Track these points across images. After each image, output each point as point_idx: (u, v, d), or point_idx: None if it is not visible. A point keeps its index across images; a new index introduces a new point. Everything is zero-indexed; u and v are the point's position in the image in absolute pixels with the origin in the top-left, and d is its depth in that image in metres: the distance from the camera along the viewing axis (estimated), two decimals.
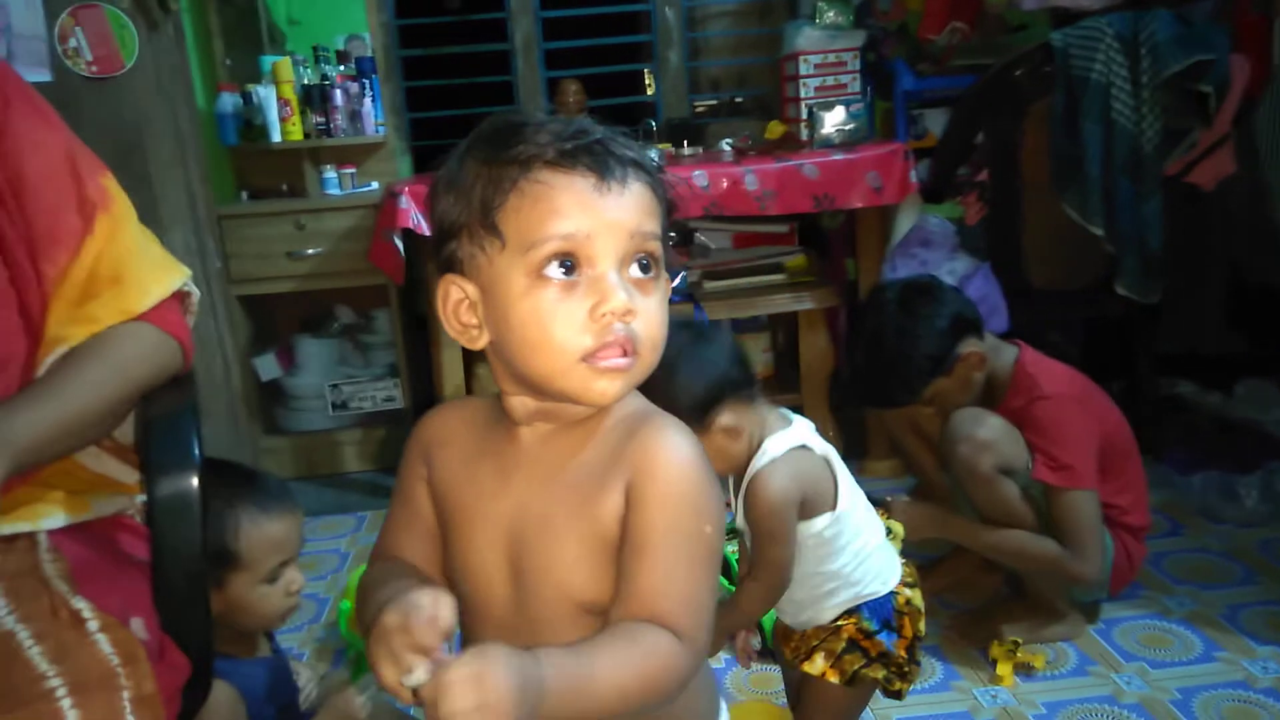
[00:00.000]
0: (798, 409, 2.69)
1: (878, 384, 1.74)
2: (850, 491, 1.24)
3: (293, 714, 1.38)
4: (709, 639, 0.70)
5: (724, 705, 0.88)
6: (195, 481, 0.93)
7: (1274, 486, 2.17)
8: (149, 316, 1.03)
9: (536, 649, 0.62)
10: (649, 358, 0.71)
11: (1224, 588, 1.94)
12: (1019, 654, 1.72)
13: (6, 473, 0.79)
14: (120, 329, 0.99)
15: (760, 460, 1.20)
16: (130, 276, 1.02)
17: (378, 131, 2.89)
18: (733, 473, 1.23)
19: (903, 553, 1.36)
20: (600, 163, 0.69)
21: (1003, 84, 2.22)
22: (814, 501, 1.20)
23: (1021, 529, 1.66)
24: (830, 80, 2.90)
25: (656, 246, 0.71)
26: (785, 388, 2.80)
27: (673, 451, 0.71)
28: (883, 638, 1.24)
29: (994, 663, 1.71)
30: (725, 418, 1.20)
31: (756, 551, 1.21)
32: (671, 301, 2.41)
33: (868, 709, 1.64)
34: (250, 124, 2.85)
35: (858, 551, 1.23)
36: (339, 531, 2.55)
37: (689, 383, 1.17)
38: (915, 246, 2.49)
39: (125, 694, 0.76)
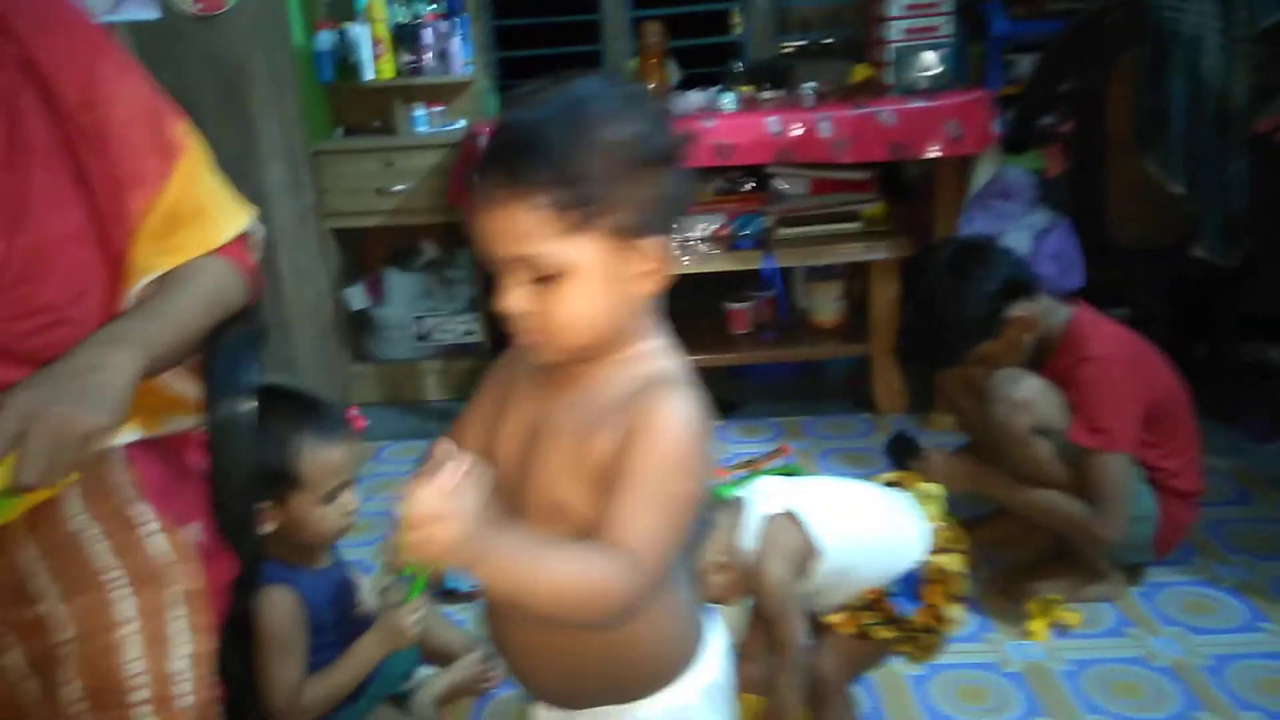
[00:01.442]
0: (866, 360, 2.74)
1: (925, 345, 1.75)
2: (830, 520, 1.27)
3: (351, 621, 1.51)
4: (659, 579, 0.76)
5: (718, 658, 0.93)
6: (251, 406, 1.03)
7: None
8: (224, 252, 1.13)
9: (503, 524, 0.73)
10: (568, 338, 0.78)
11: None
12: (1055, 611, 1.73)
13: (142, 371, 0.90)
14: (202, 261, 1.10)
15: (749, 559, 1.25)
16: (210, 214, 1.12)
17: (465, 70, 2.96)
18: (738, 590, 1.28)
19: (954, 509, 1.39)
20: (480, 191, 0.75)
21: (1091, 32, 2.15)
22: (802, 560, 1.25)
23: (1054, 488, 1.67)
24: (921, 22, 2.81)
25: (537, 260, 0.75)
26: (854, 337, 2.81)
27: (670, 413, 0.78)
28: (896, 601, 1.28)
29: (1030, 618, 1.74)
30: (709, 557, 1.25)
31: (774, 634, 1.25)
32: (741, 248, 2.42)
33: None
34: (345, 61, 2.96)
35: (870, 556, 1.27)
36: (416, 456, 2.69)
37: None
38: (994, 198, 2.44)
39: (176, 588, 0.87)
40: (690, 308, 2.96)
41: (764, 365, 3.04)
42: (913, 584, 1.28)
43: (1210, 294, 2.40)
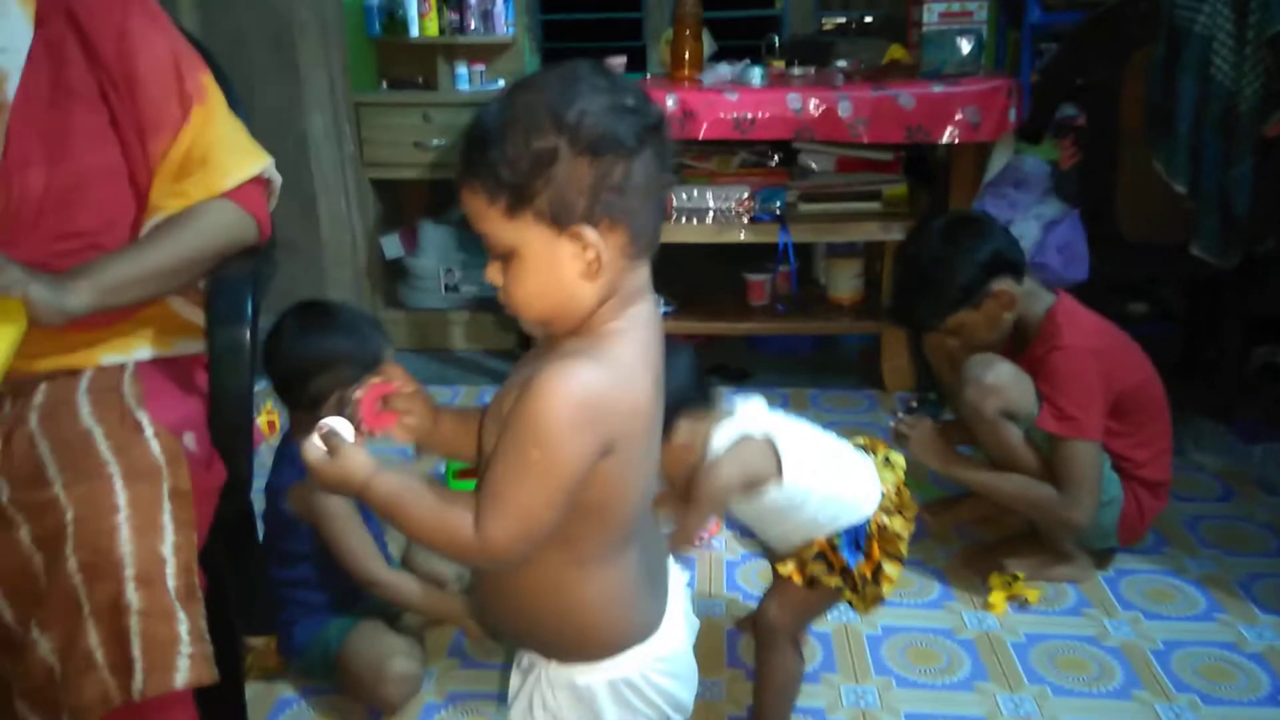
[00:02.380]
0: (876, 338, 2.80)
1: (907, 305, 1.82)
2: (798, 456, 1.34)
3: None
4: (509, 545, 0.81)
5: (648, 662, 0.92)
6: (247, 333, 1.15)
7: None
8: (232, 195, 1.25)
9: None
10: (523, 313, 0.84)
11: (1251, 556, 1.94)
12: (1015, 587, 1.81)
13: (89, 304, 1.05)
14: (205, 203, 1.23)
15: (709, 458, 1.33)
16: (215, 161, 1.24)
17: (508, 31, 3.05)
18: (688, 474, 1.35)
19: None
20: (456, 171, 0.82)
21: (1109, 25, 2.16)
22: (758, 480, 1.33)
23: (1022, 472, 1.74)
24: (956, 6, 2.84)
25: (492, 240, 0.81)
26: (869, 315, 2.87)
27: (545, 382, 0.79)
28: (845, 554, 1.36)
29: (990, 591, 1.81)
30: (681, 432, 1.31)
31: (684, 517, 1.31)
32: (761, 220, 2.48)
33: (854, 613, 1.79)
34: (392, 16, 3.06)
35: (821, 500, 1.34)
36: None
37: None
38: (1007, 186, 2.47)
39: (165, 485, 1.00)
40: (713, 276, 3.06)
41: (784, 337, 3.11)
42: (859, 536, 1.36)
43: (1218, 294, 2.42)
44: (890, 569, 1.37)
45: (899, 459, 1.48)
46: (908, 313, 1.85)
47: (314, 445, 0.84)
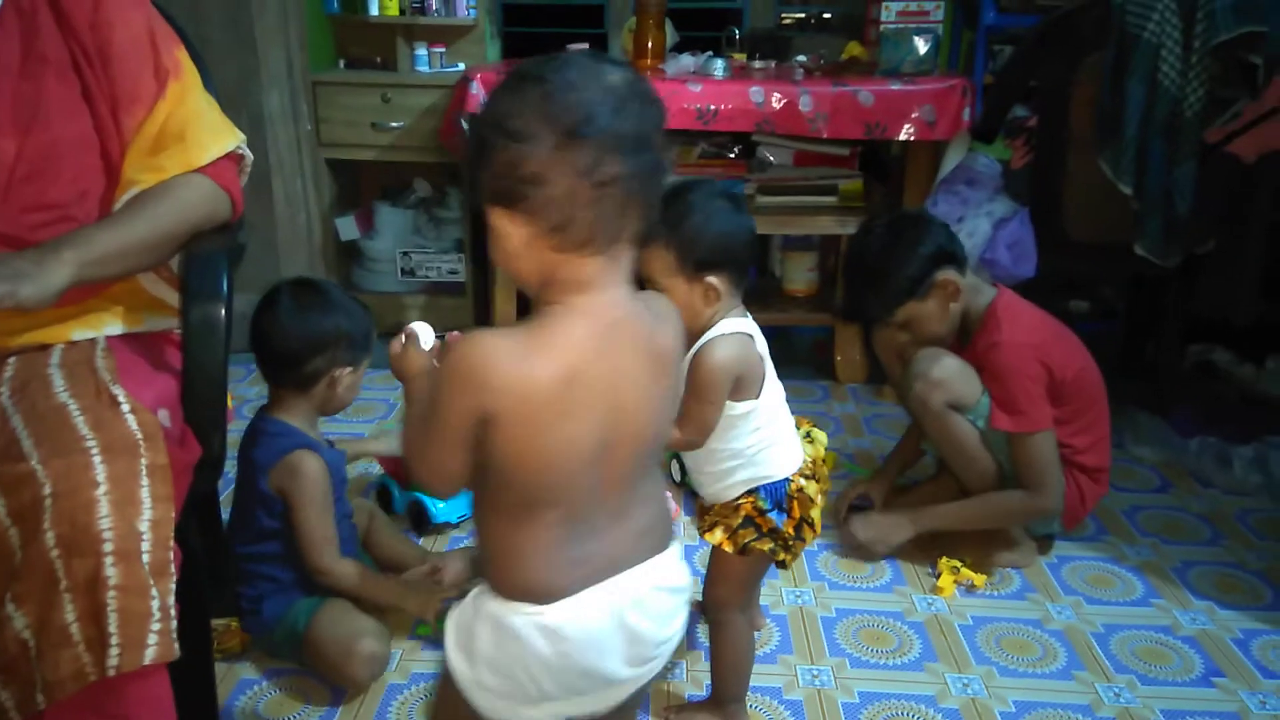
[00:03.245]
0: (829, 330, 2.85)
1: (858, 300, 1.87)
2: (772, 390, 1.38)
3: (338, 500, 1.64)
4: (421, 472, 0.93)
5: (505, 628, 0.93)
6: (221, 310, 1.14)
7: (1268, 459, 2.23)
8: (207, 170, 1.24)
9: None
10: (506, 275, 0.92)
11: (1187, 545, 2.03)
12: (963, 571, 1.87)
13: (71, 277, 1.04)
14: (181, 178, 1.21)
15: (712, 332, 1.34)
16: (192, 135, 1.23)
17: (469, 14, 3.03)
18: (691, 325, 1.34)
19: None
20: None
21: (1063, 30, 2.23)
22: (743, 385, 1.34)
23: (969, 458, 1.81)
24: (914, 5, 2.89)
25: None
26: (823, 307, 2.92)
27: (454, 347, 0.88)
28: (773, 516, 1.39)
29: (939, 575, 1.87)
30: (712, 279, 1.31)
31: (686, 407, 1.32)
32: None
33: (809, 594, 1.84)
34: None
35: (762, 439, 1.37)
36: (392, 384, 2.80)
37: (707, 235, 1.29)
38: (959, 184, 2.54)
39: (143, 460, 0.99)
40: None
41: None
42: (780, 496, 1.40)
43: (1160, 293, 2.51)
44: (806, 531, 1.41)
45: (821, 436, 1.54)
46: (859, 307, 1.90)
47: (398, 340, 1.03)
